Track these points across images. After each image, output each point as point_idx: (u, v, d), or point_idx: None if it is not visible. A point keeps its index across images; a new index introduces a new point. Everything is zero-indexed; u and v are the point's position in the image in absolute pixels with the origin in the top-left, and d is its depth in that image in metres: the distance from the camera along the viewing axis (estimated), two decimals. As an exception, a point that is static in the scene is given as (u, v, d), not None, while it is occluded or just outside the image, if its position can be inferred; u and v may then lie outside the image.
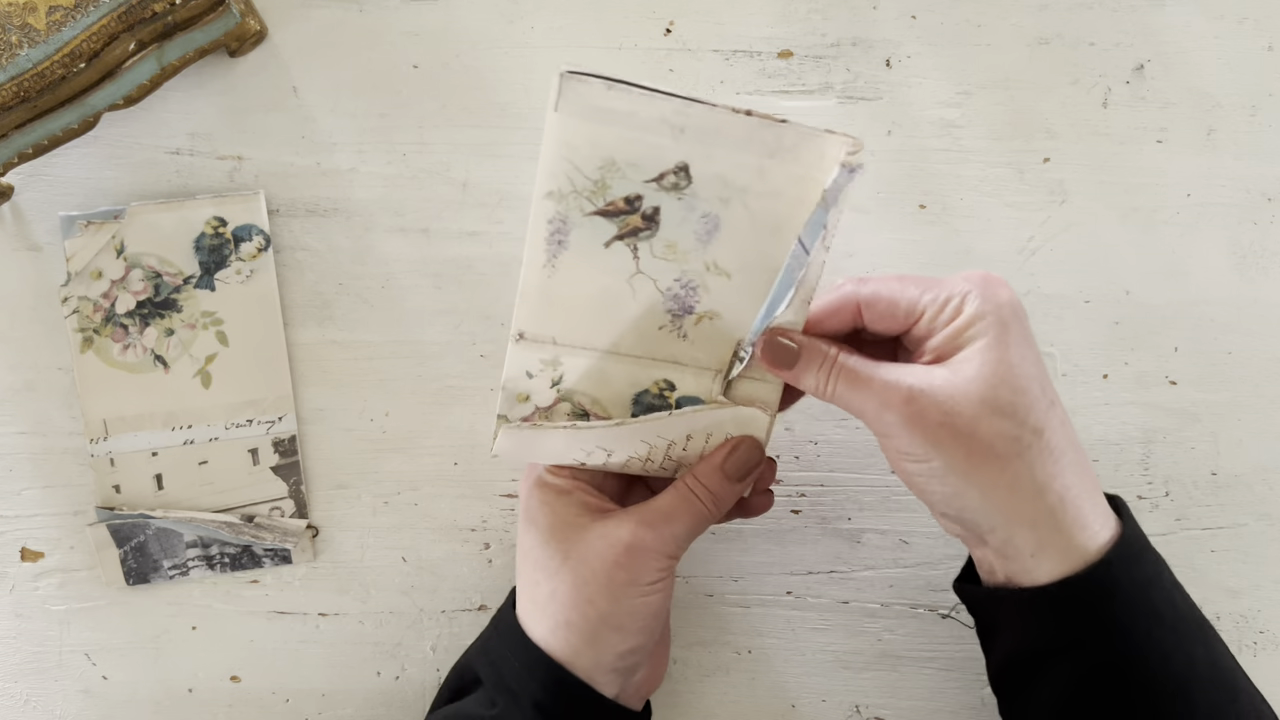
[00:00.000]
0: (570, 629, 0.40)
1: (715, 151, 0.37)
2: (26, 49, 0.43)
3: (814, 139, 0.36)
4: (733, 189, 0.38)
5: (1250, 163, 0.50)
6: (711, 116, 0.36)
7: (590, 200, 0.38)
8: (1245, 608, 0.50)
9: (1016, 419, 0.37)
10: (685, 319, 0.40)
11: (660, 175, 0.37)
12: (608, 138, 0.37)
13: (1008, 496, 0.37)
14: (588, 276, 0.39)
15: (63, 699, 0.51)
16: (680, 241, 0.39)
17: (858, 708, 0.51)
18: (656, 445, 0.42)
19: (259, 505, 0.50)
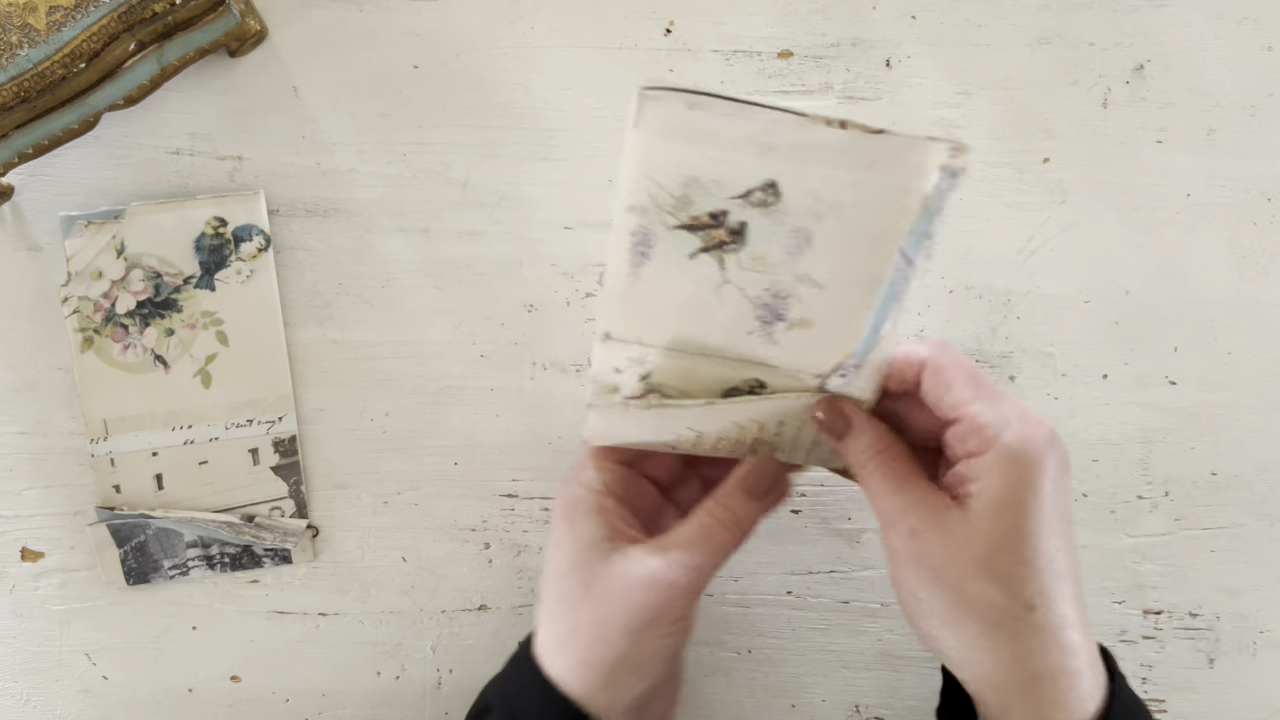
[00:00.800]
0: (588, 668, 0.39)
1: (806, 168, 0.34)
2: (27, 49, 0.43)
3: (914, 148, 0.34)
4: (826, 203, 0.35)
5: (1250, 163, 0.50)
6: (801, 131, 0.34)
7: (673, 215, 0.36)
8: (1245, 608, 0.50)
9: (1010, 590, 0.35)
10: (776, 325, 0.38)
11: (747, 192, 0.35)
12: (691, 156, 0.35)
13: (982, 659, 0.36)
14: (673, 285, 0.37)
15: (63, 699, 0.51)
16: (769, 255, 0.36)
17: (858, 708, 0.51)
18: (747, 427, 0.40)
19: (259, 505, 0.50)
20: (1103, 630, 0.50)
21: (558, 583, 0.40)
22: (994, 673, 0.36)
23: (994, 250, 0.50)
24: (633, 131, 0.34)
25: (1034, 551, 0.35)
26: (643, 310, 0.38)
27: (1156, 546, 0.50)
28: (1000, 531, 0.35)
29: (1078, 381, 0.50)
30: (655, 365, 0.39)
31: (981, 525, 0.35)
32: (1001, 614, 0.35)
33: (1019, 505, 0.35)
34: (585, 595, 0.39)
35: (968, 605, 0.36)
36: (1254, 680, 0.50)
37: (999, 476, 0.36)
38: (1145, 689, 0.50)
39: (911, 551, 0.37)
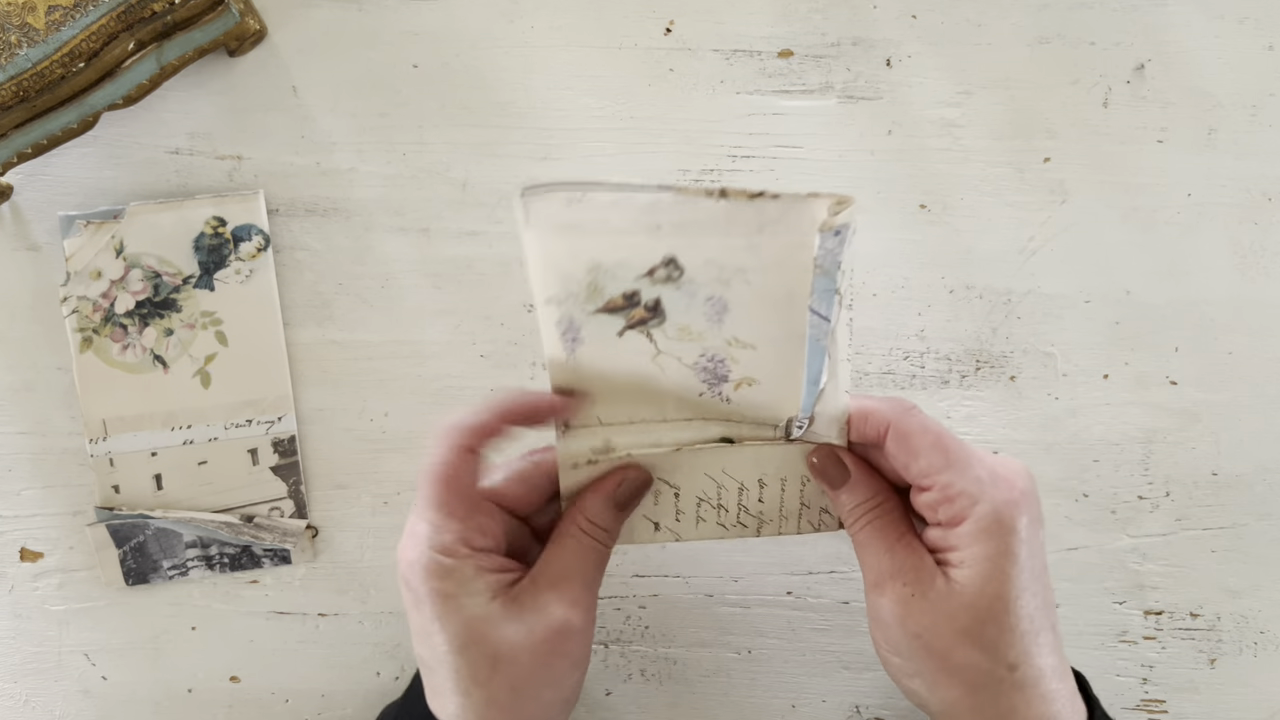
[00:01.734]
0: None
1: (699, 239, 0.34)
2: (26, 49, 0.43)
3: (796, 206, 0.34)
4: (729, 270, 0.35)
5: (1250, 163, 0.50)
6: (684, 206, 0.34)
7: (589, 301, 0.36)
8: (1245, 608, 0.50)
9: (994, 654, 0.36)
10: (723, 385, 0.38)
11: (651, 270, 0.35)
12: (587, 245, 0.35)
13: (968, 716, 0.37)
14: (612, 359, 0.37)
15: (62, 699, 0.51)
16: (693, 324, 0.37)
17: (858, 708, 0.51)
18: (726, 486, 0.40)
19: (258, 505, 0.50)
20: (1103, 631, 0.50)
21: (456, 660, 0.37)
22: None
23: (994, 250, 0.50)
24: (526, 231, 0.35)
25: (1015, 617, 0.36)
26: (592, 389, 0.38)
27: (1157, 547, 0.50)
28: (985, 603, 0.36)
29: (1078, 381, 0.50)
30: (621, 442, 0.39)
31: (966, 597, 0.36)
32: (985, 677, 0.36)
33: (1001, 576, 0.36)
34: (494, 669, 0.37)
35: (952, 670, 0.36)
36: (1255, 680, 0.50)
37: (979, 548, 0.36)
38: (1146, 689, 0.50)
39: (897, 616, 0.37)
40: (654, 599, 0.50)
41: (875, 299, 0.50)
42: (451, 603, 0.37)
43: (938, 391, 0.50)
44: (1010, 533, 0.36)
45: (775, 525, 0.41)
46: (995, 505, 0.36)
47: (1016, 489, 0.37)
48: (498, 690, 0.37)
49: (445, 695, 0.38)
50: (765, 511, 0.41)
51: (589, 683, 0.50)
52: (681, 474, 0.40)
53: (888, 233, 0.50)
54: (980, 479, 0.36)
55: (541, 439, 0.40)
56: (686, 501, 0.41)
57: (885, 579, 0.38)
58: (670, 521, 0.41)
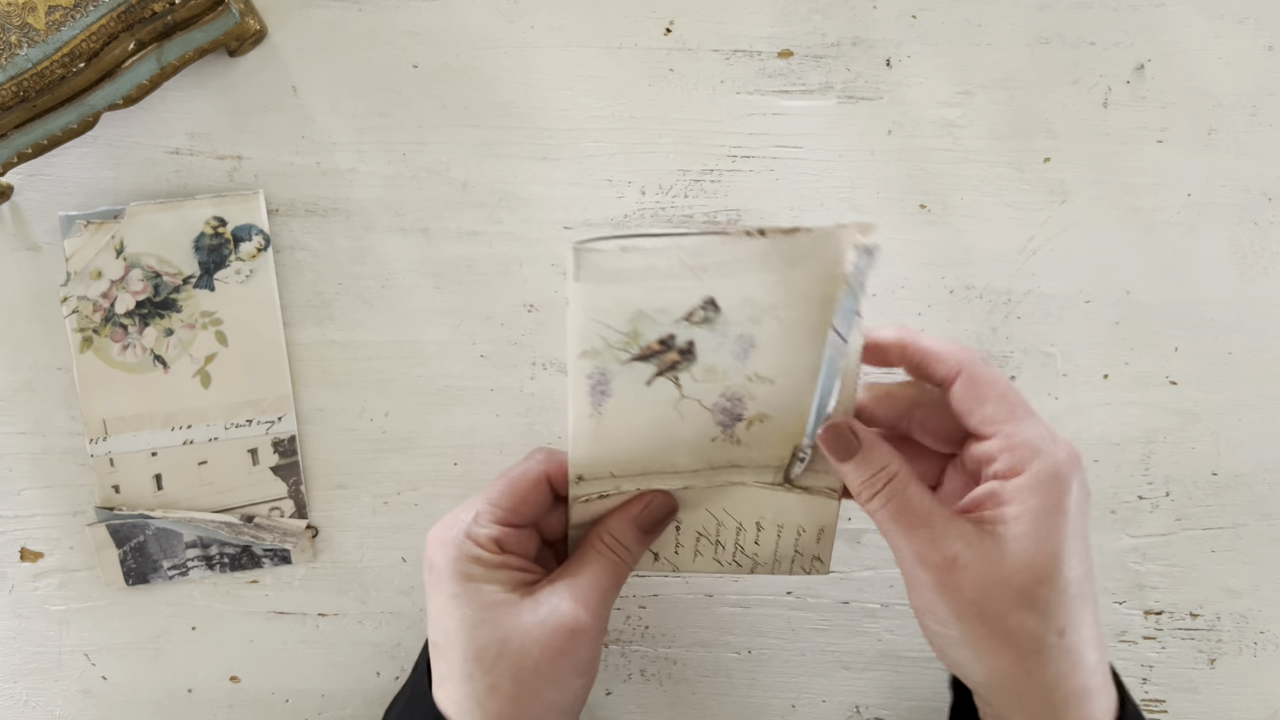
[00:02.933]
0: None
1: (738, 279, 0.37)
2: (26, 49, 0.43)
3: (829, 238, 0.36)
4: (761, 308, 0.37)
5: (1250, 163, 0.50)
6: (726, 247, 0.36)
7: (625, 350, 0.38)
8: (1245, 608, 0.50)
9: (1046, 617, 0.36)
10: (736, 426, 0.40)
11: (689, 313, 0.37)
12: (632, 293, 0.37)
13: (1015, 684, 0.37)
14: (635, 414, 0.39)
15: (62, 699, 0.51)
16: (719, 364, 0.39)
17: (858, 708, 0.51)
18: (725, 524, 0.42)
19: (259, 505, 0.50)
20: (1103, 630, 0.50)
21: (467, 640, 0.38)
22: (1025, 697, 0.37)
23: (994, 250, 0.50)
24: (574, 284, 0.36)
25: (1066, 580, 0.36)
26: (609, 444, 0.40)
27: (1157, 547, 0.50)
28: (1041, 561, 0.35)
29: (1078, 381, 0.50)
30: (629, 487, 0.41)
31: (1023, 555, 0.36)
32: (1037, 642, 0.36)
33: (1056, 534, 0.36)
34: (502, 653, 0.38)
35: (1005, 635, 0.36)
36: (1255, 680, 0.50)
37: (1035, 501, 0.36)
38: (1146, 689, 0.50)
39: (948, 584, 0.36)
40: (654, 599, 0.51)
41: (875, 299, 0.50)
42: (471, 585, 0.39)
43: (938, 391, 0.50)
44: (1065, 491, 0.36)
45: (768, 567, 0.43)
46: (1055, 461, 0.36)
47: (1073, 451, 0.37)
48: (501, 676, 0.38)
49: (451, 681, 0.39)
50: (760, 554, 0.43)
51: (589, 683, 0.50)
52: (685, 509, 0.42)
53: (888, 233, 0.50)
54: (1041, 434, 0.37)
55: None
56: (686, 535, 0.43)
57: (925, 549, 0.37)
58: (669, 553, 0.43)
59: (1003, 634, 0.36)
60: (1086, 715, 0.37)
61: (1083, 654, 0.36)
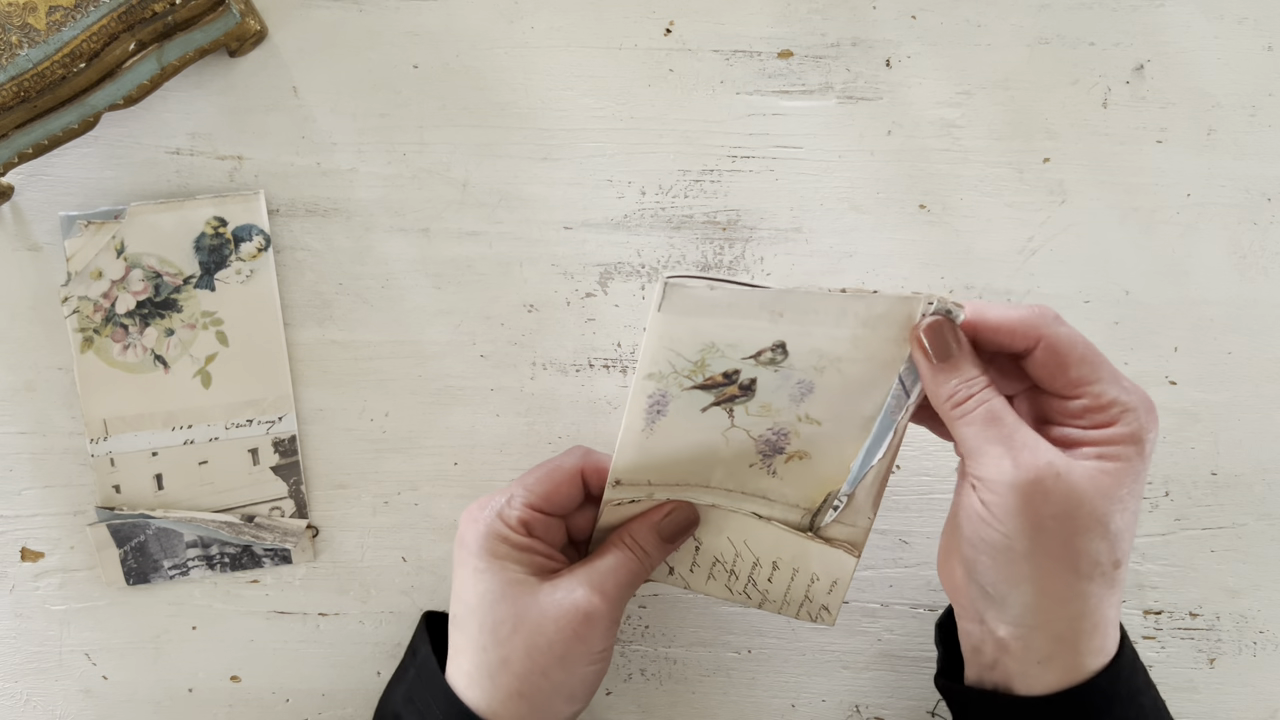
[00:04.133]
0: (523, 700, 0.40)
1: (812, 329, 0.38)
2: (26, 49, 0.43)
3: (904, 304, 0.37)
4: (828, 359, 0.39)
5: (1250, 163, 0.50)
6: (808, 300, 0.37)
7: (689, 378, 0.39)
8: (1245, 608, 0.50)
9: (1111, 548, 0.37)
10: (775, 458, 0.42)
11: (758, 353, 0.39)
12: (709, 326, 0.38)
13: (1056, 607, 0.37)
14: (684, 435, 0.41)
15: (63, 699, 0.51)
16: (774, 402, 0.40)
17: (858, 708, 0.51)
18: (743, 556, 0.44)
19: (259, 505, 0.50)
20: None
21: (485, 613, 0.40)
22: (1059, 620, 0.37)
23: (994, 250, 0.50)
24: (657, 314, 0.37)
25: (1128, 519, 0.37)
26: (653, 457, 0.41)
27: (1157, 546, 0.50)
28: (1121, 494, 0.37)
29: (1078, 381, 0.50)
30: (661, 496, 0.43)
31: (1107, 486, 0.36)
32: (1096, 569, 0.37)
33: (1132, 477, 0.37)
34: (516, 629, 0.40)
35: (1072, 554, 0.36)
36: (1254, 680, 0.50)
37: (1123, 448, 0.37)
38: (1145, 689, 0.50)
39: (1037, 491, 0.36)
40: (654, 599, 0.51)
41: (875, 299, 0.50)
42: (496, 562, 0.41)
43: (937, 391, 0.50)
44: (1145, 443, 0.37)
45: (776, 606, 0.45)
46: (1141, 418, 0.37)
47: (1152, 405, 0.38)
48: (514, 650, 0.40)
49: (466, 653, 0.41)
50: (770, 592, 0.44)
51: (589, 682, 0.50)
52: (708, 531, 0.44)
53: (888, 233, 0.50)
54: (1125, 392, 0.38)
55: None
56: (705, 556, 0.44)
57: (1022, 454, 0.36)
58: (685, 570, 0.45)
59: (1071, 553, 0.36)
60: (1102, 643, 0.38)
61: (1120, 591, 0.38)
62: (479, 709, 0.40)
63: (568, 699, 0.41)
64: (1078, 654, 0.38)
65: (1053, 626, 0.37)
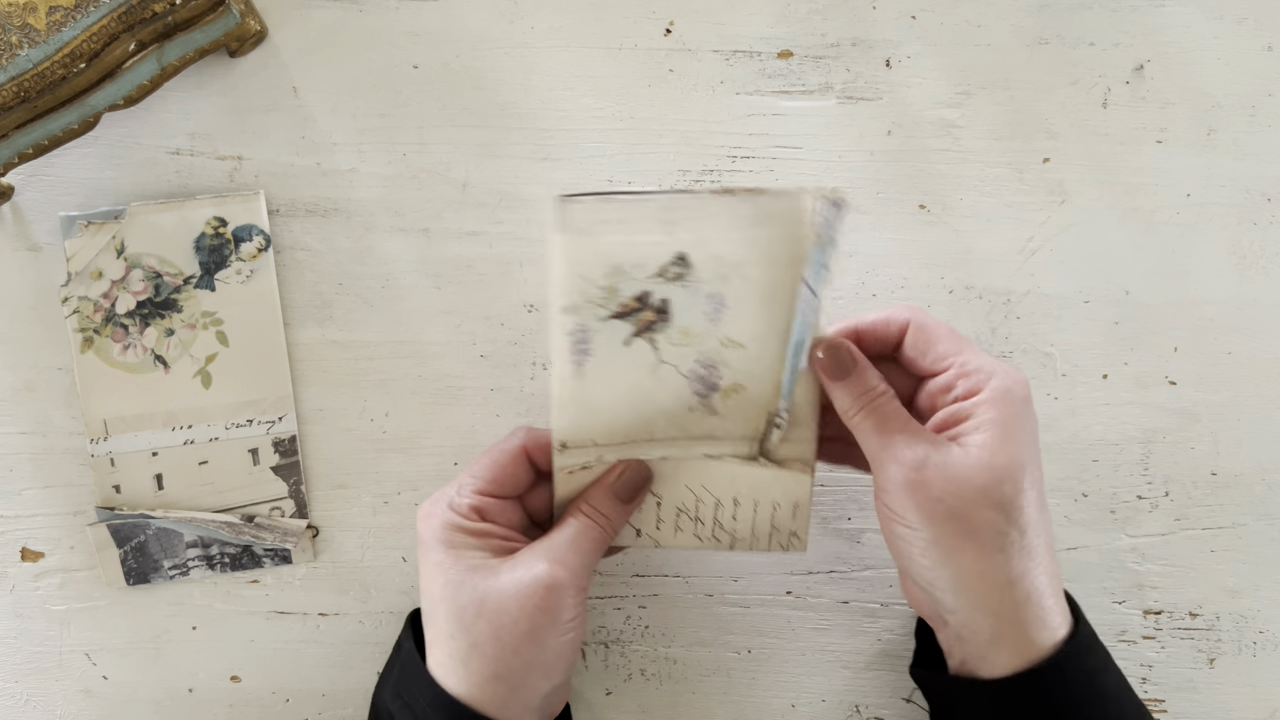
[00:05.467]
0: (499, 681, 0.40)
1: (707, 235, 0.39)
2: (27, 49, 0.43)
3: (792, 198, 0.38)
4: (729, 265, 0.40)
5: (1250, 163, 0.50)
6: (696, 204, 0.39)
7: (604, 306, 0.40)
8: (1245, 608, 0.50)
9: (1008, 514, 0.38)
10: (712, 396, 0.42)
11: (662, 269, 0.40)
12: (609, 245, 0.39)
13: (979, 583, 0.39)
14: (615, 376, 0.41)
15: (63, 699, 0.51)
16: (693, 325, 0.41)
17: (858, 708, 0.51)
18: (704, 500, 0.43)
19: (259, 505, 0.50)
20: (1103, 630, 0.50)
21: (449, 602, 0.40)
22: (989, 595, 0.39)
23: (994, 250, 0.50)
24: (558, 235, 0.39)
25: (1027, 482, 0.39)
26: (593, 410, 0.42)
27: (1156, 546, 0.50)
28: (1001, 462, 0.38)
29: (1078, 381, 0.50)
30: (611, 457, 0.43)
31: (984, 456, 0.38)
32: (1001, 538, 0.38)
33: (1014, 439, 0.39)
34: (480, 612, 0.40)
35: (970, 530, 0.38)
36: (1254, 680, 0.50)
37: (994, 413, 0.39)
38: (1145, 689, 0.50)
39: (918, 482, 0.39)
40: (654, 599, 0.51)
41: (875, 299, 0.50)
42: (453, 552, 0.41)
43: (937, 391, 0.50)
44: (1021, 402, 0.39)
45: (747, 543, 0.44)
46: (1006, 380, 0.39)
47: (1022, 374, 0.40)
48: (481, 634, 0.40)
49: (438, 644, 0.41)
50: (738, 530, 0.44)
51: (589, 682, 0.50)
52: (664, 484, 0.43)
53: (888, 233, 0.50)
54: (991, 361, 0.40)
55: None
56: (667, 510, 0.44)
57: (903, 449, 0.39)
58: (651, 528, 0.44)
59: (968, 529, 0.38)
60: (1043, 615, 0.39)
61: (1041, 557, 0.39)
62: (459, 696, 0.40)
63: (544, 674, 0.40)
64: (1021, 628, 0.39)
65: (984, 603, 0.39)
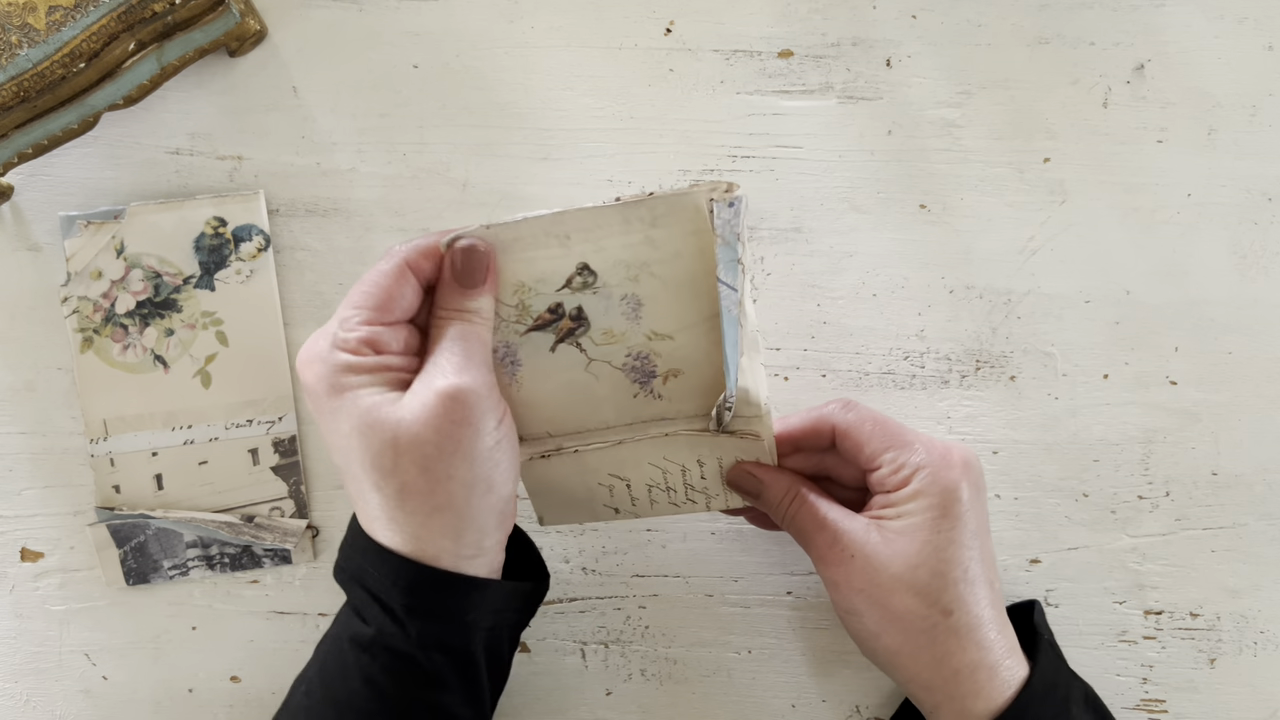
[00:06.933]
0: (440, 513, 0.37)
1: (604, 243, 0.39)
2: (26, 49, 0.43)
3: (682, 198, 0.38)
4: (635, 266, 0.39)
5: (1250, 163, 0.50)
6: (585, 216, 0.38)
7: (520, 323, 0.41)
8: (1245, 608, 0.50)
9: (928, 599, 0.40)
10: (652, 382, 0.42)
11: (568, 280, 0.40)
12: (509, 266, 0.39)
13: (909, 662, 0.41)
14: (550, 377, 0.41)
15: (63, 699, 0.51)
16: (614, 326, 0.41)
17: (858, 708, 0.51)
18: (670, 470, 0.44)
19: (259, 505, 0.50)
20: (1103, 631, 0.50)
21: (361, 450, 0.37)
22: (921, 673, 0.41)
23: (994, 250, 0.50)
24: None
25: (948, 565, 0.40)
26: (536, 410, 0.42)
27: (1157, 546, 0.50)
28: (915, 550, 0.40)
29: (1078, 381, 0.50)
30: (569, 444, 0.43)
31: (900, 545, 0.40)
32: (923, 621, 0.40)
33: (936, 529, 0.40)
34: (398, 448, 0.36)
35: (893, 616, 0.40)
36: (1255, 680, 0.50)
37: (917, 503, 0.41)
38: (1146, 689, 0.50)
39: (844, 576, 0.41)
40: (654, 599, 0.51)
41: (875, 299, 0.50)
42: (349, 396, 0.37)
43: (938, 391, 0.50)
44: (947, 492, 0.40)
45: (722, 499, 0.45)
46: (934, 470, 0.41)
47: (955, 458, 0.41)
48: (406, 473, 0.36)
49: (365, 501, 0.38)
50: (709, 487, 0.44)
51: (589, 682, 0.50)
52: (629, 468, 0.44)
53: (888, 233, 0.50)
54: (920, 451, 0.41)
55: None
56: (639, 489, 0.44)
57: (825, 550, 0.41)
58: (628, 507, 0.45)
59: (891, 616, 0.40)
60: (979, 687, 0.40)
61: (974, 632, 0.40)
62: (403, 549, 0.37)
63: (486, 488, 0.38)
64: (956, 700, 0.41)
65: (916, 679, 0.41)
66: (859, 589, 0.41)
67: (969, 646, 0.40)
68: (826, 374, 0.50)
